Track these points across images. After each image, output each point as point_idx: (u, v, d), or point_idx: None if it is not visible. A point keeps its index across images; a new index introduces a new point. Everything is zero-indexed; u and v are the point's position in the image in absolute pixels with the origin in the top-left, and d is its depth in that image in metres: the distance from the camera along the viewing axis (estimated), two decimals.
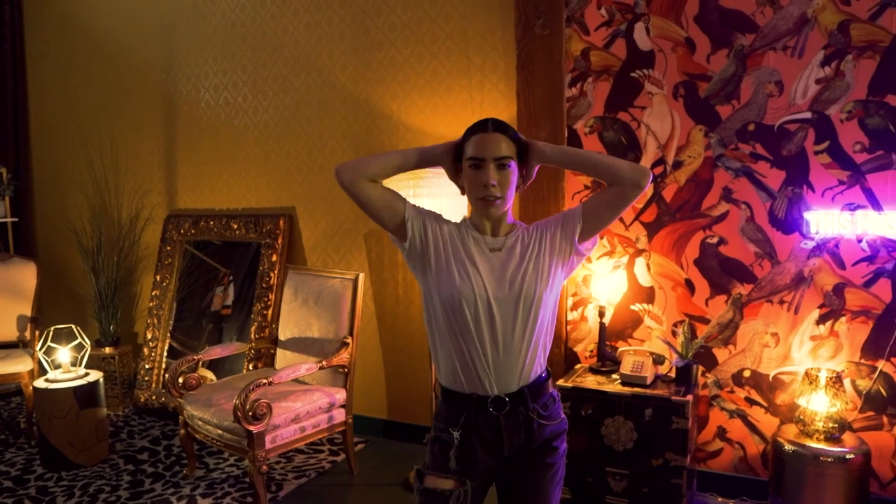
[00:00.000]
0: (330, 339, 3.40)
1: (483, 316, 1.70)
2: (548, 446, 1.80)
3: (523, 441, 1.77)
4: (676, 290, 3.16)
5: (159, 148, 4.57)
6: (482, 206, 1.73)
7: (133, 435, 4.01)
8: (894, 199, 2.77)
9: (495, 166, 1.70)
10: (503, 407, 1.73)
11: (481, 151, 1.70)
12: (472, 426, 1.75)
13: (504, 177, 1.72)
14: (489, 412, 1.73)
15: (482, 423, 1.74)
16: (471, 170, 1.73)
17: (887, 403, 2.84)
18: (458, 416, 1.76)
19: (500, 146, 1.71)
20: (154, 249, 4.55)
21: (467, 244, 1.76)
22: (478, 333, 1.70)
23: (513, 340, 1.71)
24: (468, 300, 1.70)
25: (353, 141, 3.84)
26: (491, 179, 1.69)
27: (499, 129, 1.73)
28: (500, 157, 1.70)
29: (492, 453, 1.77)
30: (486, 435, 1.75)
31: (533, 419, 1.76)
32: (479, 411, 1.74)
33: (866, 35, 2.77)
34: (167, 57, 4.44)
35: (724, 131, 3.01)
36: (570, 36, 3.25)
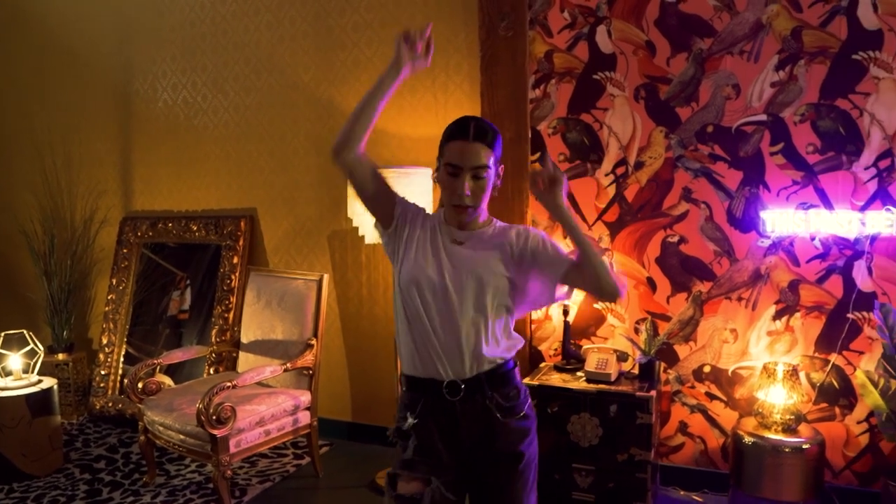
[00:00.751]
0: (294, 341, 3.37)
1: (435, 300, 1.72)
2: (514, 451, 1.76)
3: (483, 434, 1.74)
4: (638, 288, 3.22)
5: (115, 148, 4.45)
6: (455, 212, 1.78)
7: (89, 443, 3.89)
8: (845, 199, 2.87)
9: (471, 176, 1.73)
10: (457, 392, 1.72)
11: (459, 160, 1.73)
12: (429, 412, 1.75)
13: (479, 186, 1.75)
14: (445, 398, 1.73)
15: (438, 408, 1.74)
16: (447, 175, 1.75)
17: (839, 395, 2.95)
18: (416, 402, 1.77)
19: (479, 156, 1.73)
20: (109, 252, 4.43)
21: (435, 233, 1.81)
22: (429, 318, 1.73)
23: (462, 325, 1.71)
24: (421, 284, 1.73)
25: (315, 141, 3.81)
26: (466, 189, 1.72)
27: (479, 136, 1.73)
28: (477, 166, 1.73)
29: (451, 445, 1.76)
30: (443, 422, 1.74)
31: (491, 409, 1.73)
32: (435, 397, 1.74)
33: (817, 41, 2.87)
34: (123, 55, 4.33)
35: (683, 133, 3.09)
36: (533, 38, 3.29)
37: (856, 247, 2.87)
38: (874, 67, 2.80)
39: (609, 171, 3.22)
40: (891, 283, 2.84)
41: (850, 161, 2.86)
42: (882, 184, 2.82)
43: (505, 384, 1.77)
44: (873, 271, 2.86)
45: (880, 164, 2.82)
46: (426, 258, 1.77)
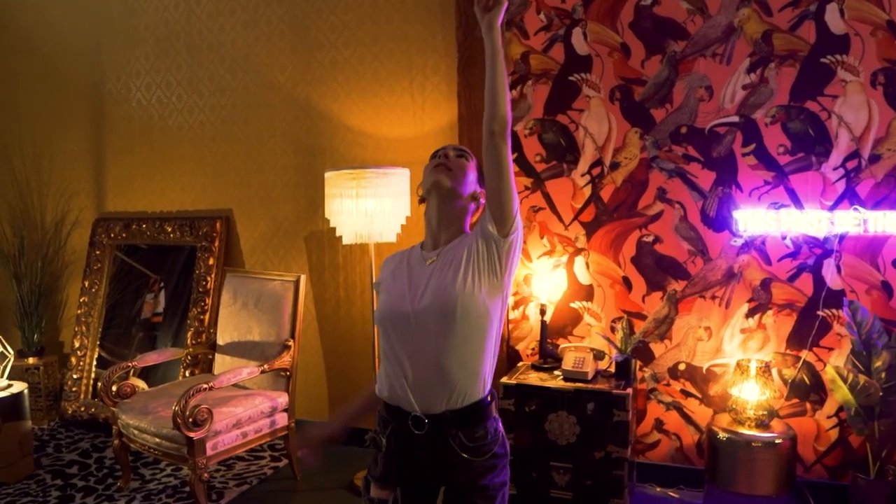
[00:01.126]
0: (271, 343, 3.35)
1: (404, 331, 1.63)
2: (476, 485, 1.64)
3: (444, 468, 1.64)
4: (614, 287, 3.26)
5: (87, 149, 4.39)
6: (432, 173, 1.71)
7: (60, 448, 3.83)
8: (814, 199, 2.94)
9: (453, 152, 1.75)
10: (422, 427, 1.61)
11: (441, 148, 1.78)
12: (397, 437, 1.67)
13: (460, 164, 1.72)
14: (409, 428, 1.63)
15: (405, 437, 1.65)
16: (430, 163, 1.75)
17: (810, 391, 3.01)
18: (387, 424, 1.70)
19: (459, 147, 1.79)
20: (82, 254, 4.36)
21: (410, 262, 1.73)
22: (399, 349, 1.63)
23: (434, 357, 1.59)
24: (390, 316, 1.66)
25: (292, 141, 3.79)
26: (447, 152, 1.74)
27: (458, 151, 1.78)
28: (458, 148, 1.77)
29: (414, 471, 1.68)
30: (408, 449, 1.66)
31: (453, 447, 1.61)
32: (402, 425, 1.65)
33: (787, 45, 2.93)
34: (95, 54, 4.27)
35: (658, 134, 3.13)
36: (510, 39, 3.31)
37: (825, 246, 2.94)
38: (841, 71, 2.87)
39: (585, 171, 3.25)
40: (859, 280, 2.91)
41: (819, 162, 2.93)
42: (850, 184, 2.89)
43: (474, 424, 1.63)
44: (842, 269, 2.93)
45: (848, 164, 2.89)
46: (396, 290, 1.70)
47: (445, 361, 1.59)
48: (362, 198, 3.02)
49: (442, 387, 1.59)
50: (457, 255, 1.64)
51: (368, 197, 3.03)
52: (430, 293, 1.61)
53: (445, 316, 1.57)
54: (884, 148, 2.85)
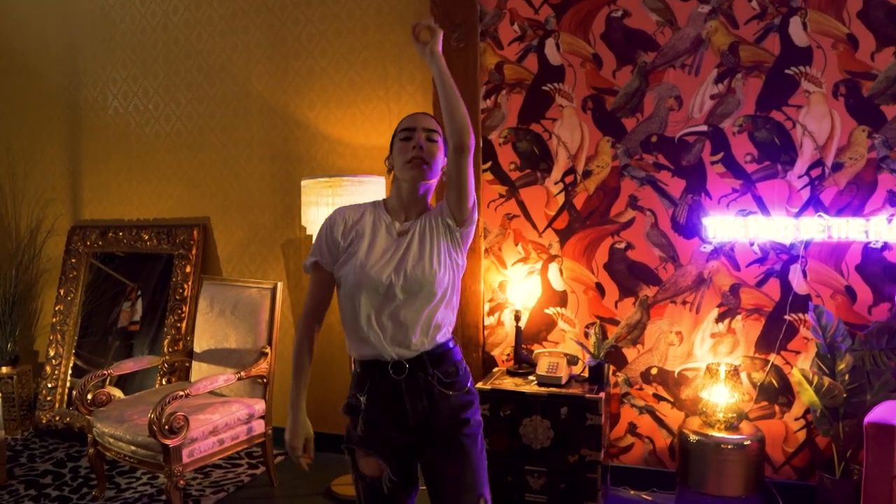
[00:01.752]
0: (248, 350, 3.36)
1: (387, 298, 1.78)
2: (456, 420, 1.83)
3: (427, 409, 1.81)
4: (588, 293, 3.31)
5: (63, 156, 4.37)
6: (409, 168, 1.81)
7: (34, 458, 3.80)
8: (780, 206, 3.02)
9: (425, 136, 1.82)
10: (402, 371, 1.80)
11: (412, 122, 1.85)
12: (377, 391, 1.82)
13: (431, 147, 1.82)
14: (390, 376, 1.80)
15: (385, 387, 1.81)
16: (401, 141, 1.84)
17: (778, 394, 3.08)
18: (364, 382, 1.84)
19: (430, 121, 1.86)
20: (57, 262, 4.34)
21: (377, 227, 1.85)
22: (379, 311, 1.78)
23: (409, 317, 1.79)
24: (373, 284, 1.78)
25: (269, 150, 3.81)
26: (421, 142, 1.81)
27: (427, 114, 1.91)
28: (429, 128, 1.84)
29: (397, 422, 1.82)
30: (390, 400, 1.81)
31: (433, 385, 1.81)
32: (381, 376, 1.81)
33: (753, 56, 3.02)
34: (71, 61, 4.26)
35: (629, 142, 3.20)
36: (484, 50, 3.37)
37: (791, 251, 3.02)
38: (805, 82, 2.95)
39: (558, 179, 3.31)
40: (824, 285, 2.99)
41: (784, 170, 3.01)
42: (814, 191, 2.98)
43: (444, 362, 1.84)
44: (808, 275, 3.01)
45: (812, 172, 2.97)
46: (371, 258, 1.81)
47: (423, 320, 1.80)
48: (338, 205, 3.04)
49: (417, 338, 1.80)
50: (428, 236, 1.83)
51: (346, 203, 3.06)
52: (413, 272, 1.79)
53: (427, 292, 1.79)
54: (846, 157, 2.93)
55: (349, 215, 1.89)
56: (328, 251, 1.87)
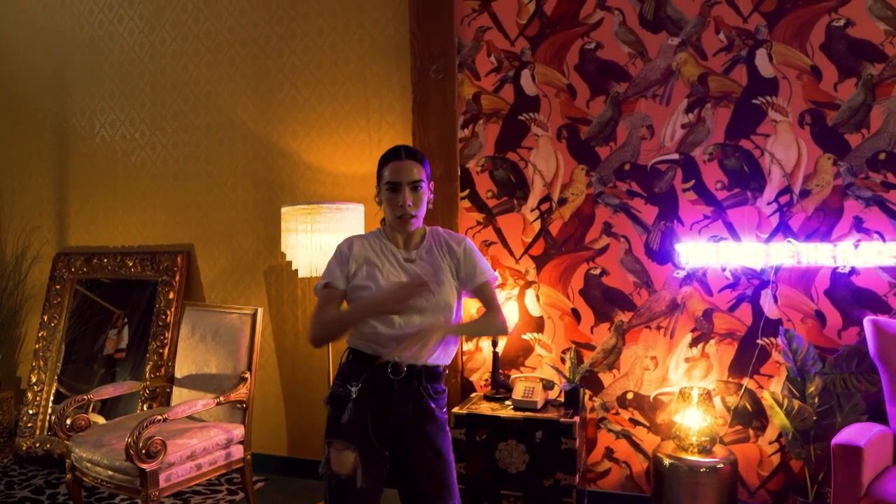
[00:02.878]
0: (228, 375, 3.37)
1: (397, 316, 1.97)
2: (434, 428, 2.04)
3: (409, 415, 2.01)
4: (564, 318, 3.36)
5: (49, 183, 4.43)
6: (399, 223, 2.05)
7: (12, 485, 3.78)
8: (751, 232, 3.08)
9: (409, 189, 2.02)
10: (399, 373, 1.98)
11: (396, 176, 2.02)
12: (369, 384, 2.00)
13: (417, 197, 2.04)
14: (387, 375, 1.98)
15: (378, 383, 2.00)
16: (388, 192, 2.04)
17: (752, 417, 3.11)
18: (359, 374, 2.01)
19: (413, 171, 2.03)
20: (42, 289, 4.37)
21: (384, 255, 2.08)
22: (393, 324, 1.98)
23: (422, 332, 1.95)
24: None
25: (253, 179, 3.88)
26: (407, 200, 2.01)
27: (410, 155, 2.06)
28: (413, 181, 2.02)
29: (378, 420, 2.00)
30: (379, 397, 2.00)
31: (423, 395, 2.02)
32: (378, 372, 1.99)
33: (721, 87, 3.11)
34: (59, 90, 4.34)
35: (603, 170, 3.27)
36: (462, 80, 3.46)
37: (762, 277, 3.07)
38: (772, 111, 3.04)
39: (534, 206, 3.38)
40: (794, 309, 3.04)
41: (754, 197, 3.08)
42: (783, 217, 3.04)
43: (435, 381, 2.06)
44: (778, 299, 3.06)
45: (781, 199, 3.05)
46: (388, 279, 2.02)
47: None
48: (317, 232, 3.11)
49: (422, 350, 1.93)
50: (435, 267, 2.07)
51: (323, 231, 3.12)
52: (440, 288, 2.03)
53: (436, 312, 2.01)
54: (813, 183, 3.01)
55: (357, 242, 2.10)
56: (340, 272, 2.06)
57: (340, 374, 2.07)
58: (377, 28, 3.57)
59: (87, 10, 4.23)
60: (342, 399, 2.02)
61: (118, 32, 4.15)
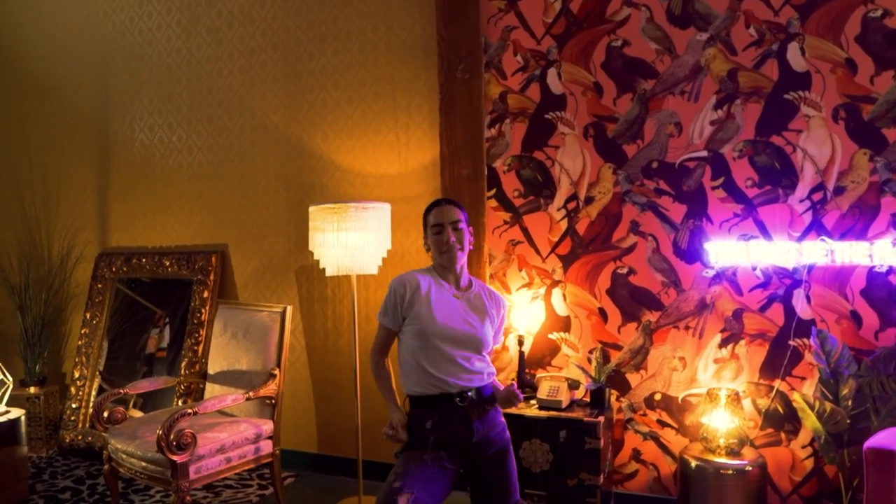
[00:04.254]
0: (258, 371, 3.44)
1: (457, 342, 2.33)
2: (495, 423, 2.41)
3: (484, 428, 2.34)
4: (591, 318, 3.33)
5: (93, 186, 4.59)
6: (447, 258, 2.38)
7: (56, 476, 3.93)
8: (782, 230, 3.01)
9: (451, 227, 2.38)
10: (466, 398, 2.31)
11: (440, 219, 2.40)
12: (445, 416, 2.30)
13: (459, 234, 2.40)
14: (456, 405, 2.30)
15: (451, 415, 2.30)
16: (434, 235, 2.40)
17: (784, 420, 3.03)
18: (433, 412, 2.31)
19: (453, 213, 2.41)
20: (85, 287, 4.53)
21: (439, 289, 2.38)
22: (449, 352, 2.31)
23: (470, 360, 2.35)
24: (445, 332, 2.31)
25: (284, 180, 3.95)
26: (450, 238, 2.37)
27: (449, 202, 2.46)
28: (453, 220, 2.39)
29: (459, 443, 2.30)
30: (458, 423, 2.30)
31: (486, 409, 2.36)
32: (448, 406, 2.30)
33: (752, 82, 3.04)
34: (103, 97, 4.51)
35: (630, 169, 3.24)
36: (488, 80, 3.47)
37: (794, 276, 3.00)
38: (804, 106, 2.97)
39: (561, 205, 3.36)
40: (828, 310, 2.96)
41: (786, 194, 3.01)
42: (816, 215, 2.96)
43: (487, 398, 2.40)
44: (811, 299, 2.98)
45: (814, 196, 2.97)
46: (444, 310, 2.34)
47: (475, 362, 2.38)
48: (343, 231, 3.15)
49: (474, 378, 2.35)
50: (480, 307, 2.43)
51: (350, 230, 3.15)
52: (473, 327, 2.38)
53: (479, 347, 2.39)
54: (848, 180, 2.92)
55: (411, 280, 2.38)
56: (393, 317, 2.39)
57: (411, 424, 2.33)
58: (404, 30, 3.61)
59: (127, 20, 4.38)
60: (422, 440, 2.30)
61: (157, 40, 4.29)
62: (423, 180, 3.60)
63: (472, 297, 2.44)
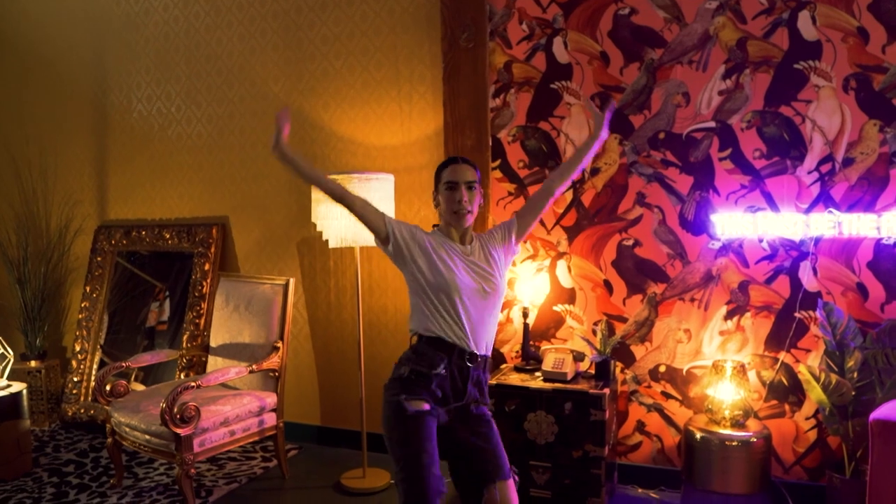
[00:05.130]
0: (261, 344, 3.43)
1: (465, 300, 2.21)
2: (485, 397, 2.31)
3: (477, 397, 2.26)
4: (596, 290, 3.31)
5: (90, 158, 4.53)
6: (456, 218, 2.27)
7: (59, 448, 3.93)
8: (790, 202, 2.98)
9: (466, 187, 2.27)
10: (475, 361, 2.23)
11: (455, 177, 2.28)
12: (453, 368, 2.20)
13: (472, 196, 2.30)
14: (464, 362, 2.21)
15: (456, 368, 2.21)
16: (447, 191, 2.28)
17: (789, 392, 3.03)
18: (441, 358, 2.18)
19: (468, 173, 2.29)
20: (84, 261, 4.49)
21: (447, 248, 2.27)
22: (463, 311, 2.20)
23: (483, 317, 2.25)
24: (455, 288, 2.19)
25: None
26: (464, 197, 2.26)
27: (466, 161, 2.34)
28: (469, 181, 2.28)
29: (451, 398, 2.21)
30: (457, 379, 2.21)
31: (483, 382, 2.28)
32: (458, 358, 2.20)
33: (761, 51, 2.99)
34: (99, 67, 4.43)
35: (637, 139, 3.20)
36: (493, 49, 3.41)
37: (801, 248, 2.98)
38: (814, 76, 2.92)
39: None
40: (835, 282, 2.94)
41: (794, 165, 2.98)
42: (824, 187, 2.94)
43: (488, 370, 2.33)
44: (818, 272, 2.96)
45: (822, 168, 2.94)
46: (454, 266, 2.23)
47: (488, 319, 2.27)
48: None
49: (484, 336, 2.26)
50: (489, 255, 2.32)
51: None
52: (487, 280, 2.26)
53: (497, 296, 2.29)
54: (857, 151, 2.89)
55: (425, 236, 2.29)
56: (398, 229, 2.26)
57: (421, 356, 2.20)
58: None
59: None
60: (426, 378, 2.17)
61: (153, 8, 4.20)
62: (426, 150, 3.56)
63: (478, 250, 2.32)
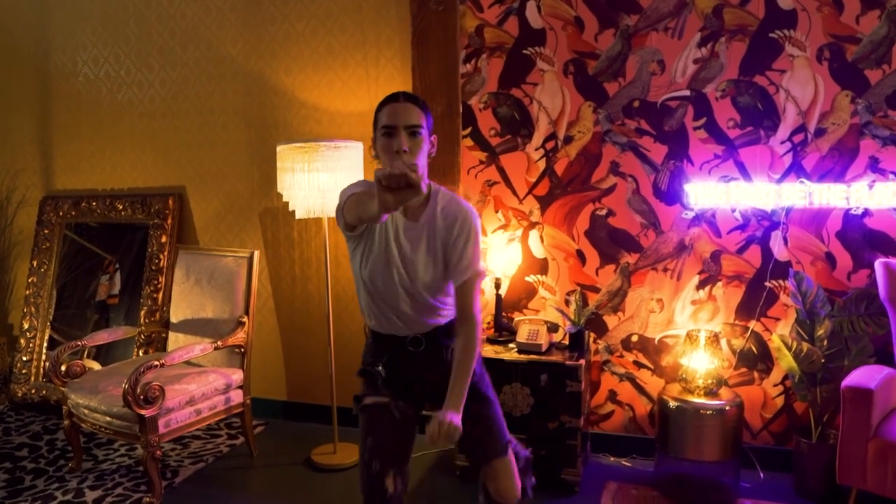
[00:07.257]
0: (225, 319, 3.31)
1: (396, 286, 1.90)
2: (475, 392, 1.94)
3: (439, 380, 1.87)
4: (568, 260, 3.28)
5: (32, 124, 4.25)
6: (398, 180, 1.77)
7: (9, 432, 3.74)
8: (762, 172, 2.99)
9: (407, 133, 1.80)
10: (420, 345, 1.96)
11: (393, 119, 1.80)
12: (394, 363, 1.98)
13: (415, 143, 1.81)
14: (408, 350, 1.96)
15: (403, 359, 1.97)
16: (384, 138, 1.81)
17: (758, 360, 3.08)
18: (382, 354, 1.99)
19: (411, 115, 1.81)
20: (30, 234, 4.24)
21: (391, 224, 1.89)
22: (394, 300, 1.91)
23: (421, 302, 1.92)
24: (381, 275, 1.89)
25: (245, 116, 3.72)
26: (403, 145, 1.78)
27: (409, 99, 1.84)
28: (410, 124, 1.80)
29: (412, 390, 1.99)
30: (408, 370, 1.98)
31: (447, 355, 1.94)
32: (399, 349, 1.97)
33: (737, 19, 2.96)
34: (39, 27, 4.13)
35: (611, 107, 3.15)
36: (464, 12, 3.29)
37: (773, 218, 3.00)
38: (789, 46, 2.91)
39: (539, 145, 3.26)
40: (804, 252, 2.98)
41: (767, 136, 2.98)
42: (796, 157, 2.95)
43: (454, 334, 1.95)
44: (789, 241, 2.99)
45: (795, 138, 2.94)
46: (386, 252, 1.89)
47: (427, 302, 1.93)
48: (314, 171, 2.99)
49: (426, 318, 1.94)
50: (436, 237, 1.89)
51: (321, 171, 3.00)
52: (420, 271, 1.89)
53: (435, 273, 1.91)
54: (828, 122, 2.90)
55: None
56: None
57: (367, 352, 2.06)
58: None
59: None
60: (373, 376, 2.00)
61: None
62: None
63: (424, 226, 1.90)
